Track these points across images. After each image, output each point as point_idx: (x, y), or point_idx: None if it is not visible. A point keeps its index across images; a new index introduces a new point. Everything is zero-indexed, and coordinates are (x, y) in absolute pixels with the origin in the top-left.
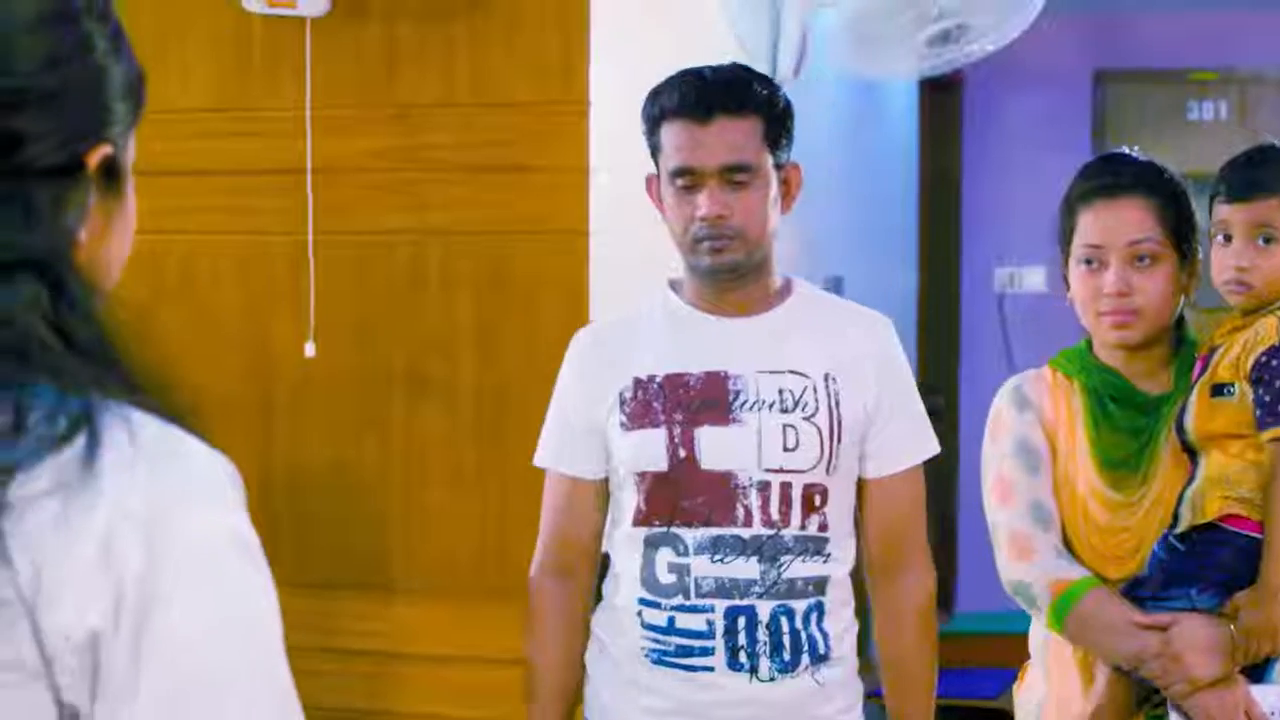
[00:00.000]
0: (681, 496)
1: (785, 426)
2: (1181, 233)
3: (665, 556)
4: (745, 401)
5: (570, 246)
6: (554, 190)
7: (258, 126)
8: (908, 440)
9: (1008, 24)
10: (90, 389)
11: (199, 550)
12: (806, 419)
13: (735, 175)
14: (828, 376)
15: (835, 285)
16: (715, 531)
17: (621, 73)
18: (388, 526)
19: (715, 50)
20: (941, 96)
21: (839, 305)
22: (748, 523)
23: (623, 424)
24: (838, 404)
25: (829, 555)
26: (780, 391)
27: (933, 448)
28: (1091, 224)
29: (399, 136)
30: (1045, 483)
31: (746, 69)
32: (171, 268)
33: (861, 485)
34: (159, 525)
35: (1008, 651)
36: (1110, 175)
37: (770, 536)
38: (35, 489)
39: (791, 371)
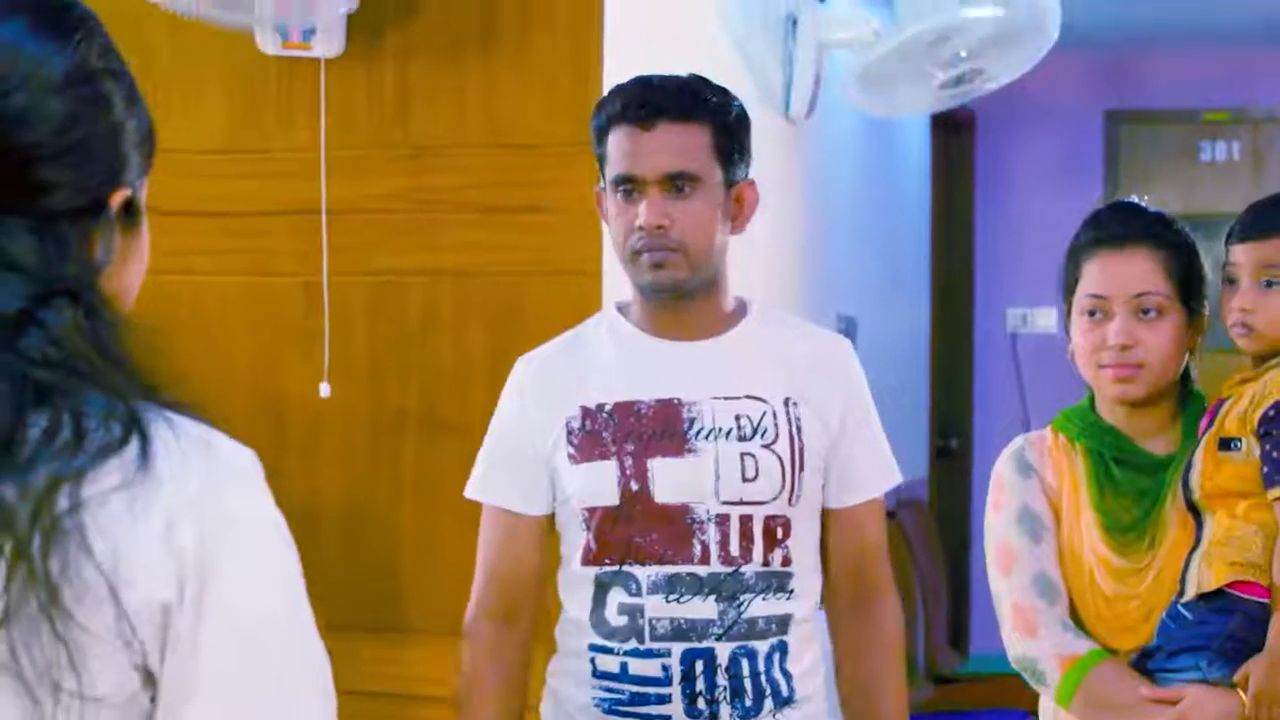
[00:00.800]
0: (634, 532)
1: (744, 455)
2: (1188, 286)
3: (617, 597)
4: (701, 430)
5: (583, 287)
6: (566, 230)
7: (272, 167)
8: (872, 467)
9: (1021, 63)
10: (131, 397)
11: (243, 527)
12: (766, 447)
13: (678, 183)
14: (788, 401)
15: (848, 325)
16: (670, 570)
17: None
18: (401, 567)
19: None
20: (953, 136)
21: (798, 326)
22: (705, 559)
23: (571, 456)
24: (799, 430)
25: (792, 591)
26: (738, 418)
27: (897, 477)
28: (1097, 274)
29: (412, 177)
30: (1049, 552)
31: (701, 79)
32: (185, 308)
33: (825, 515)
34: (208, 508)
35: (1023, 693)
36: (1118, 225)
37: (730, 574)
38: (105, 486)
39: (749, 397)
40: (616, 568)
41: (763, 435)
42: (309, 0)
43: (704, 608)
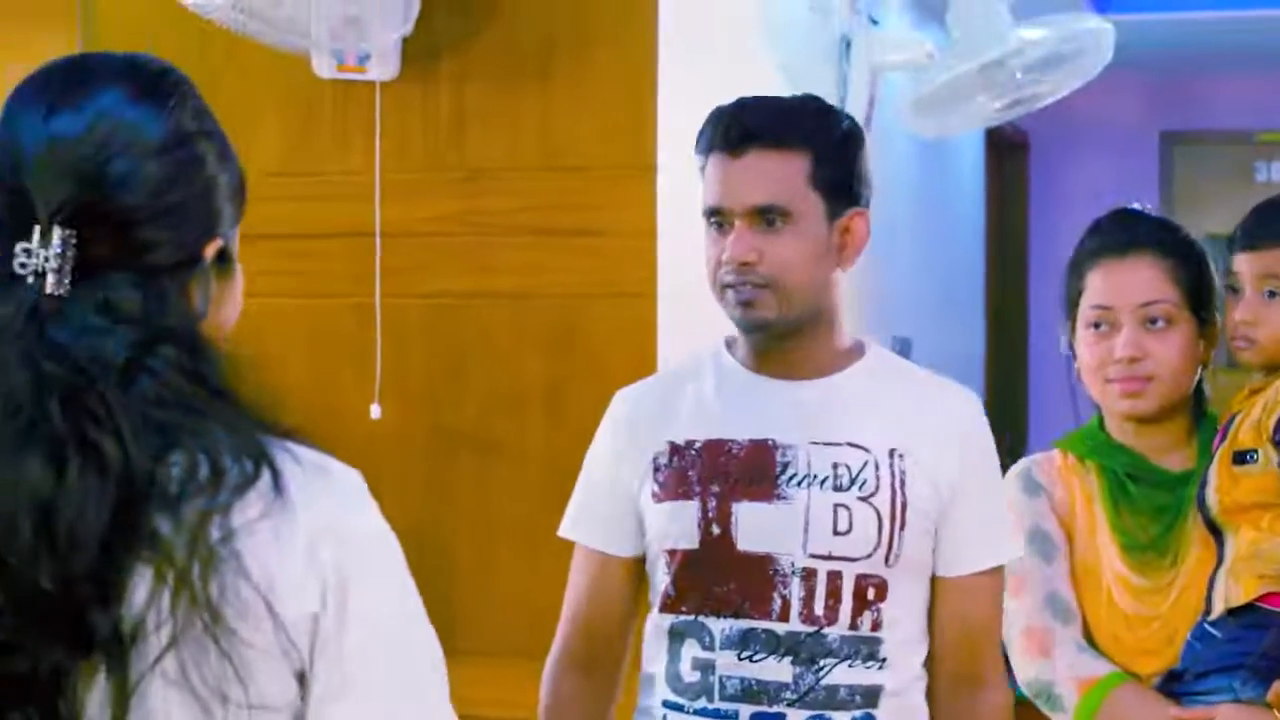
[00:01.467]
0: (712, 580)
1: (837, 506)
2: (1198, 295)
3: (691, 650)
4: (794, 475)
5: (638, 310)
6: (621, 253)
7: (326, 189)
8: (989, 535)
9: (1075, 81)
10: (250, 430)
11: (367, 541)
12: (863, 499)
13: (767, 217)
14: (893, 453)
15: (903, 346)
16: (746, 624)
17: (689, 135)
18: (456, 590)
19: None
20: (1008, 157)
21: (917, 375)
22: (784, 616)
23: (654, 494)
24: (903, 484)
25: (884, 661)
26: (835, 466)
27: (1015, 551)
28: (1100, 284)
29: (467, 199)
30: (1061, 572)
31: (806, 100)
32: (239, 329)
33: (933, 583)
34: (339, 527)
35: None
36: (1121, 232)
37: (810, 635)
38: (250, 516)
39: (850, 444)
40: (692, 617)
41: (861, 486)
42: (364, 27)
43: (778, 669)
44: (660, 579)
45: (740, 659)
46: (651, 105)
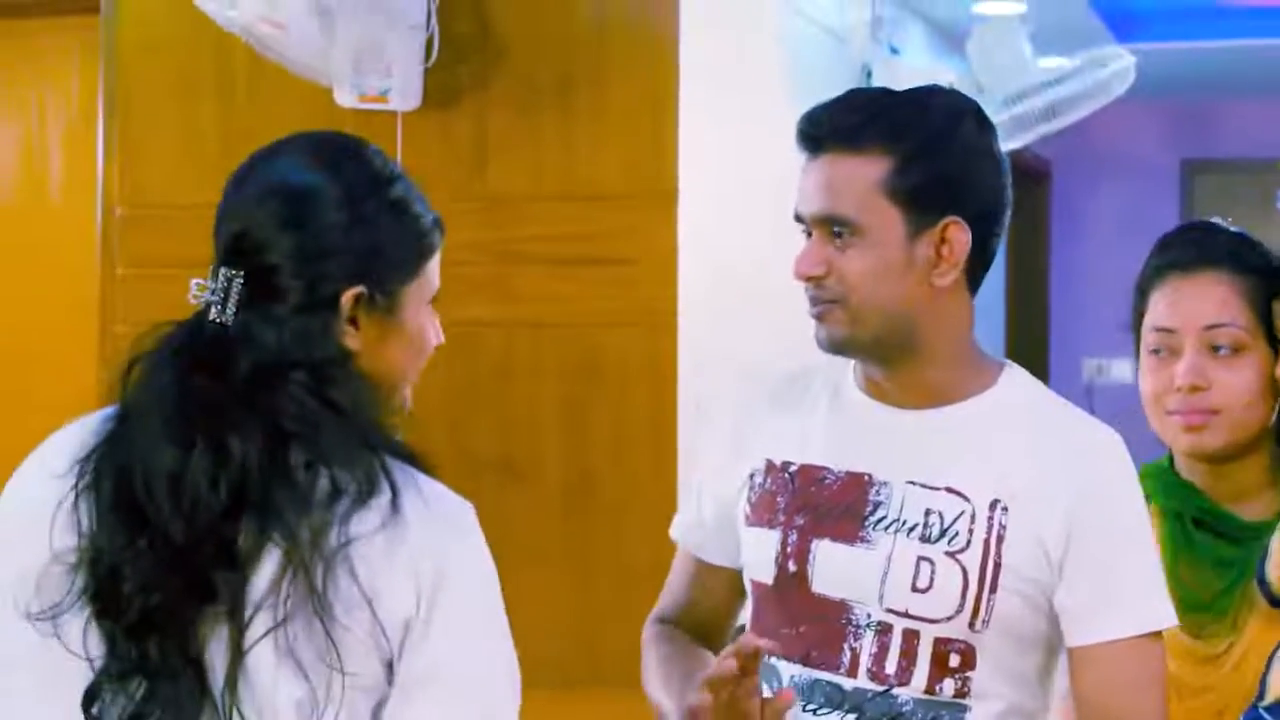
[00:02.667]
0: (782, 621)
1: (920, 559)
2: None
3: (762, 692)
4: (884, 518)
5: (659, 336)
6: (643, 281)
7: None
8: (1120, 598)
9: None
10: (367, 449)
11: (466, 564)
12: (951, 554)
13: (834, 229)
14: (995, 504)
15: None
16: (813, 674)
17: (710, 163)
18: None
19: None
20: (1030, 186)
21: (1051, 410)
22: (852, 671)
23: (746, 515)
24: (1000, 541)
25: None
26: (927, 513)
27: (1161, 618)
28: (1163, 305)
29: (489, 229)
30: None
31: (926, 91)
32: None
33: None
34: (444, 548)
35: None
36: (1189, 248)
37: (878, 694)
38: (369, 526)
39: (949, 490)
40: (765, 657)
41: (950, 540)
42: (386, 62)
43: None
44: (748, 606)
45: (805, 709)
46: (673, 134)
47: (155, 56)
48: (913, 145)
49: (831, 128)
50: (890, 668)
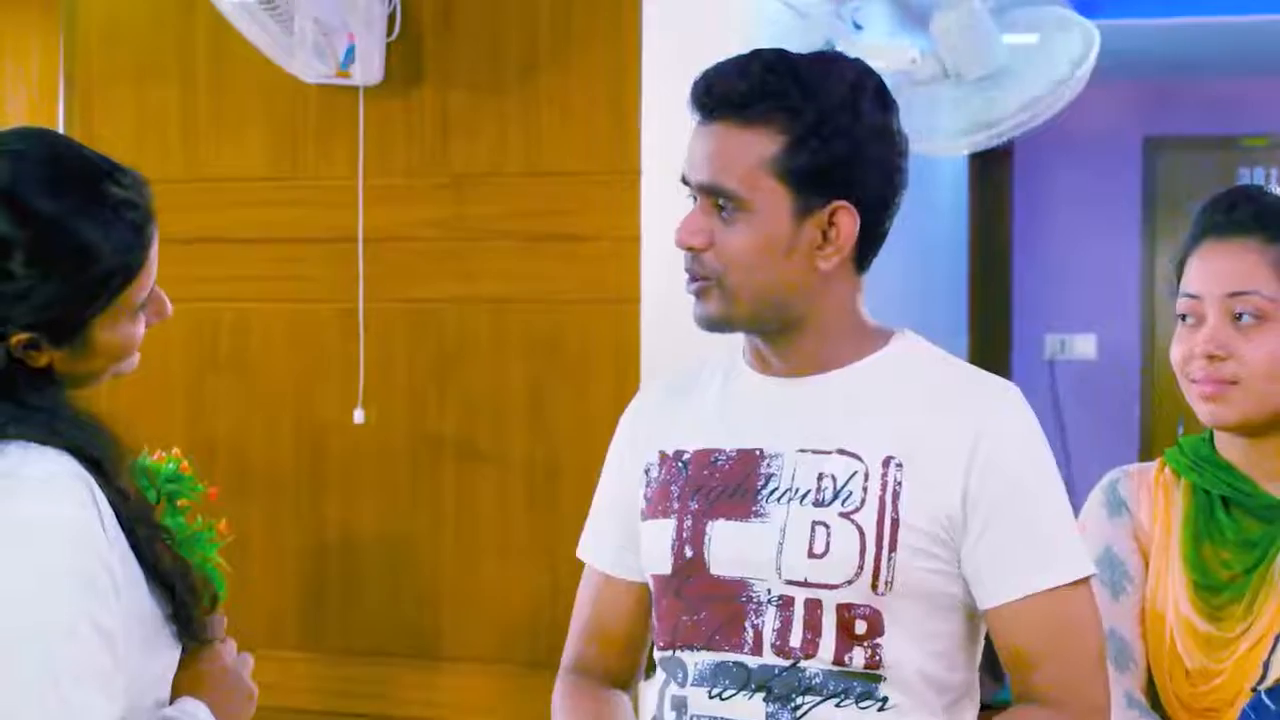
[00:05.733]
0: (684, 609)
1: (815, 524)
2: None
3: (669, 689)
4: (775, 490)
5: (622, 315)
6: (605, 258)
7: (310, 195)
8: (1034, 553)
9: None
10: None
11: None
12: (844, 516)
13: (718, 201)
14: (889, 461)
15: None
16: (717, 657)
17: (673, 141)
18: (439, 596)
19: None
20: (991, 164)
21: (943, 368)
22: (756, 649)
23: (642, 511)
24: (895, 498)
25: (885, 701)
26: (820, 478)
27: (1070, 569)
28: (1193, 270)
29: (450, 205)
30: (1129, 609)
31: (825, 57)
32: (224, 334)
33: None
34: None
35: None
36: (1223, 213)
37: (785, 669)
38: None
39: (841, 451)
40: (670, 651)
41: (844, 501)
42: (347, 37)
43: (749, 707)
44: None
45: (710, 696)
46: (635, 111)
47: (115, 37)
48: (807, 124)
49: (724, 96)
50: (795, 640)
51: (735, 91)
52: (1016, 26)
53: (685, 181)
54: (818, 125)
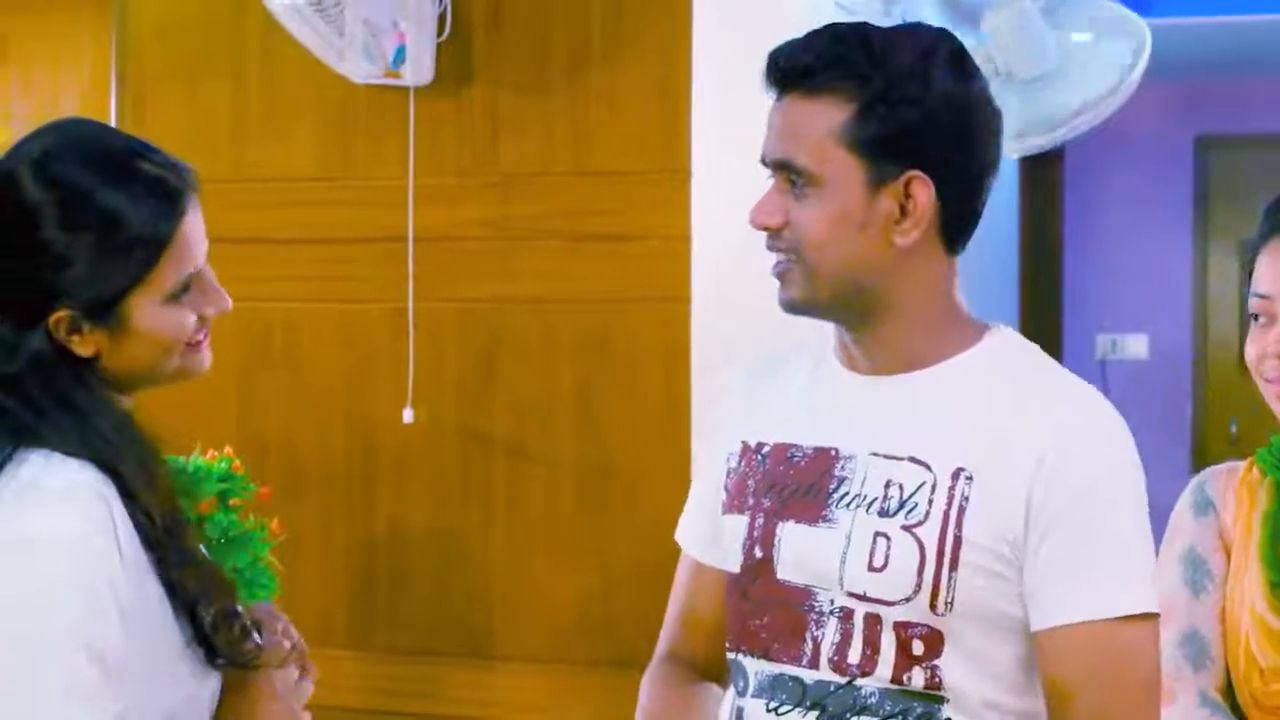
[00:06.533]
0: (749, 613)
1: (877, 535)
2: None
3: (731, 695)
4: (846, 495)
5: (671, 314)
6: (654, 258)
7: (361, 195)
8: (1084, 575)
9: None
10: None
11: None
12: (906, 529)
13: (790, 177)
14: (959, 474)
15: None
16: (775, 668)
17: (723, 139)
18: (489, 595)
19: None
20: (1042, 165)
21: (1033, 372)
22: (813, 662)
23: (723, 503)
24: (960, 513)
25: None
26: (887, 485)
27: (1130, 601)
28: (1262, 269)
29: (500, 205)
30: (1209, 608)
31: (900, 30)
32: (275, 334)
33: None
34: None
35: None
36: None
37: (840, 686)
38: None
39: (912, 459)
40: (734, 654)
41: (908, 513)
42: (398, 37)
43: None
44: None
45: (768, 710)
46: (685, 110)
47: (167, 36)
48: (875, 91)
49: (791, 69)
50: (853, 657)
51: (801, 62)
52: (1068, 26)
53: (763, 162)
54: (886, 91)
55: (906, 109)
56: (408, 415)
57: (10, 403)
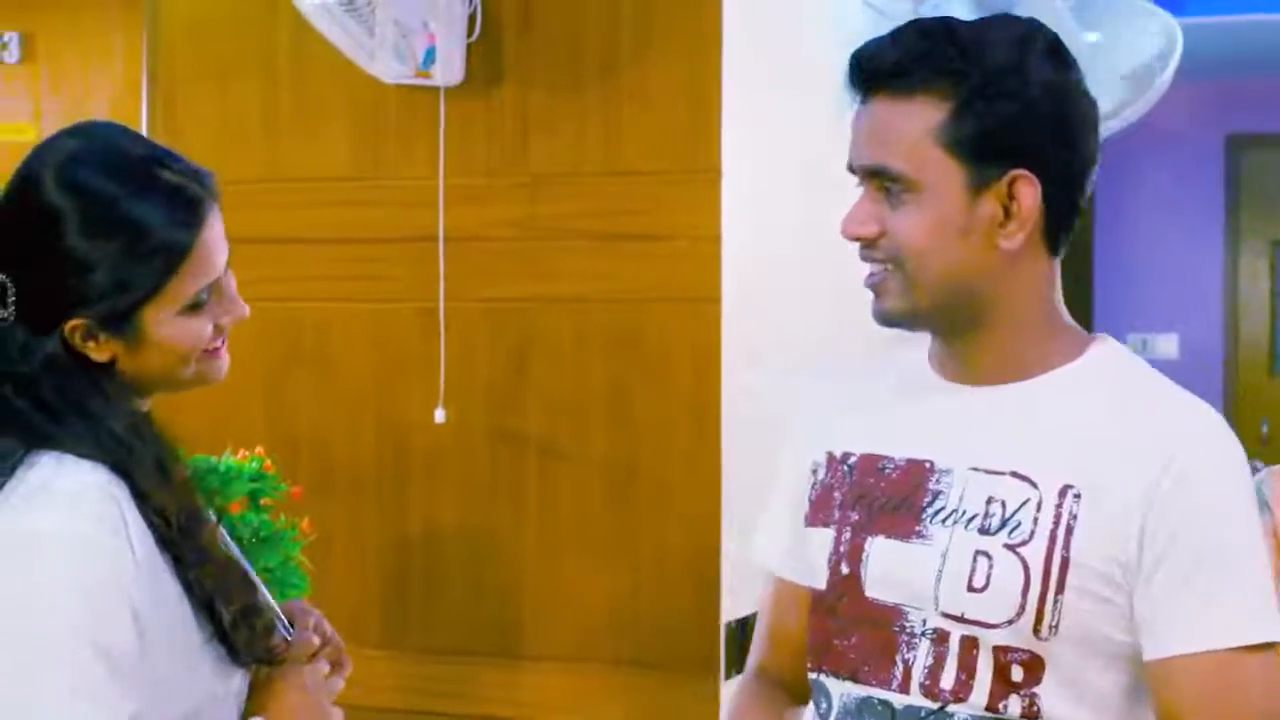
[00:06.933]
0: (834, 632)
1: (977, 553)
2: None
3: (810, 716)
4: (942, 510)
5: (702, 314)
6: (686, 258)
7: (391, 195)
8: (1213, 605)
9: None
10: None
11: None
12: (1010, 547)
13: (884, 183)
14: (1066, 491)
15: None
16: (863, 691)
17: (754, 139)
18: (521, 594)
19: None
20: None
21: (1143, 387)
22: (904, 687)
23: (806, 516)
24: (1069, 532)
25: None
26: (989, 501)
27: (1249, 630)
28: None
29: (530, 205)
30: None
31: (989, 22)
32: (305, 334)
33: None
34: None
35: None
36: None
37: (931, 713)
38: None
39: (1015, 475)
40: (817, 674)
41: (1011, 531)
42: (428, 38)
43: None
44: None
45: None
46: (716, 109)
47: (198, 36)
48: (971, 87)
49: (878, 69)
50: (946, 682)
51: (888, 62)
52: (1097, 25)
53: (851, 170)
54: (983, 87)
55: (1005, 104)
56: (439, 415)
57: (23, 404)
